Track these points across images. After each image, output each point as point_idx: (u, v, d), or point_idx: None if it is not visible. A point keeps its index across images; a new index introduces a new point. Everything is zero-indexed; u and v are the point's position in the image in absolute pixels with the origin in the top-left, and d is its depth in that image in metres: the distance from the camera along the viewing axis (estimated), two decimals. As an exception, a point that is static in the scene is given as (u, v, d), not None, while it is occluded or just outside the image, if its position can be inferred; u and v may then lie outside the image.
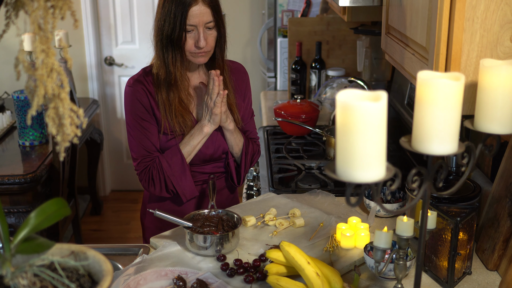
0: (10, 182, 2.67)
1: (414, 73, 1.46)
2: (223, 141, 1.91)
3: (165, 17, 1.73)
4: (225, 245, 1.58)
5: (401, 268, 1.36)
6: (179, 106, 1.82)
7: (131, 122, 1.84)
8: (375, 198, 1.01)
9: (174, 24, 1.72)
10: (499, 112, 1.13)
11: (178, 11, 1.71)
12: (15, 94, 2.93)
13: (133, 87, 1.83)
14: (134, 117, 1.83)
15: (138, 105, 1.82)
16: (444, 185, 1.63)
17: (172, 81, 1.80)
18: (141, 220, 2.08)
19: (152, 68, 1.84)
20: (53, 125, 0.87)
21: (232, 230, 1.61)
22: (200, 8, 1.72)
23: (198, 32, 1.74)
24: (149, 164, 1.84)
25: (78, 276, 0.91)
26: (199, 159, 1.89)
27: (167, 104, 1.81)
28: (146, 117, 1.83)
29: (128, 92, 1.84)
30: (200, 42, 1.74)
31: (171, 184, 1.84)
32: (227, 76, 1.90)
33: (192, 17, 1.72)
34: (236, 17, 4.31)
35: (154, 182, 1.84)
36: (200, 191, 1.94)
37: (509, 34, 1.25)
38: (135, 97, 1.82)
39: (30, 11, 0.83)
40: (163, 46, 1.77)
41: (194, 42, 1.75)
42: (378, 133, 0.94)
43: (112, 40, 4.33)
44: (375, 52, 2.96)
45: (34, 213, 0.90)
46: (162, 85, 1.81)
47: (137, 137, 1.84)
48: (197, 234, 1.59)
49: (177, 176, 1.84)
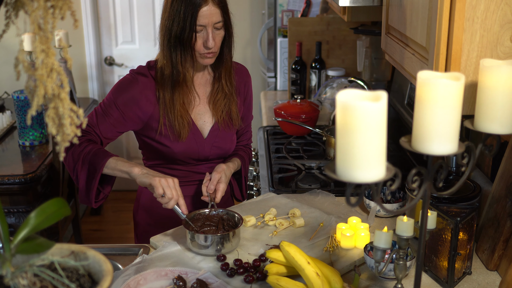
0: (10, 182, 2.67)
1: (414, 73, 1.46)
2: (219, 140, 1.90)
3: (173, 16, 1.72)
4: (226, 245, 1.59)
5: (401, 268, 1.36)
6: (180, 108, 1.81)
7: (107, 102, 1.81)
8: (375, 198, 1.01)
9: (184, 24, 1.71)
10: (499, 112, 1.13)
11: (188, 11, 1.70)
12: (15, 94, 2.93)
13: (134, 77, 1.82)
14: (113, 101, 1.80)
15: (127, 96, 1.80)
16: (444, 185, 1.63)
17: (181, 80, 1.79)
18: (133, 216, 2.07)
19: (157, 64, 1.82)
20: (53, 125, 0.87)
21: (233, 229, 1.62)
22: (210, 8, 1.71)
23: (207, 32, 1.73)
24: (86, 135, 1.80)
25: (78, 276, 0.91)
26: (193, 159, 1.89)
27: (170, 104, 1.80)
28: (123, 109, 1.80)
29: (127, 79, 1.83)
30: (209, 42, 1.73)
31: (77, 171, 1.78)
32: (233, 78, 1.90)
33: (202, 17, 1.70)
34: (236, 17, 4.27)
35: (72, 154, 1.78)
36: (195, 191, 1.93)
37: (509, 34, 1.25)
38: (130, 86, 1.80)
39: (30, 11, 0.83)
40: (171, 45, 1.75)
41: (202, 42, 1.74)
42: (378, 133, 0.94)
43: (112, 40, 4.33)
44: (375, 52, 2.96)
45: (34, 213, 0.90)
46: (167, 85, 1.79)
47: (101, 115, 1.82)
48: (198, 233, 1.59)
49: (84, 171, 1.77)
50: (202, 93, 1.90)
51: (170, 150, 1.85)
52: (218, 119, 1.89)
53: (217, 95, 1.89)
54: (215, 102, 1.89)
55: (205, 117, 1.90)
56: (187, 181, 1.91)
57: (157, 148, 1.86)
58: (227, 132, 1.92)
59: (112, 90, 1.83)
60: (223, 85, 1.88)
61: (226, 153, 1.95)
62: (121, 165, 1.75)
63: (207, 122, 1.90)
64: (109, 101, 1.82)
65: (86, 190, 1.79)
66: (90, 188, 1.78)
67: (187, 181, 1.91)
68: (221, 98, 1.89)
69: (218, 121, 1.89)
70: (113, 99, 1.81)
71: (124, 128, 1.84)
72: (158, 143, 1.85)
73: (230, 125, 1.92)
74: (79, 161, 1.77)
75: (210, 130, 1.89)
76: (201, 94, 1.89)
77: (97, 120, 1.82)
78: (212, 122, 1.90)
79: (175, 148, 1.84)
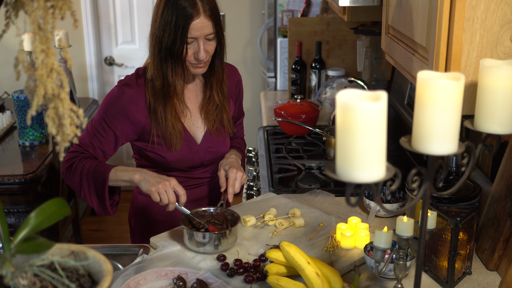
0: (10, 182, 2.67)
1: (414, 73, 1.46)
2: (213, 145, 1.89)
3: (164, 27, 1.69)
4: (222, 241, 1.59)
5: (401, 268, 1.36)
6: (172, 118, 1.79)
7: (98, 120, 1.79)
8: (375, 198, 1.01)
9: (175, 36, 1.68)
10: (499, 112, 1.13)
11: (179, 24, 1.67)
12: (15, 94, 2.93)
13: (121, 90, 1.79)
14: (104, 117, 1.78)
15: (115, 109, 1.77)
16: (444, 185, 1.63)
17: (171, 93, 1.77)
18: (129, 221, 2.05)
19: (146, 72, 1.80)
20: (53, 125, 0.87)
21: (230, 228, 1.63)
22: (202, 21, 1.68)
23: (198, 44, 1.70)
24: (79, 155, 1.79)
25: (78, 276, 0.91)
26: (188, 166, 1.88)
27: (162, 115, 1.77)
28: (112, 125, 1.78)
29: (114, 93, 1.80)
30: (200, 55, 1.70)
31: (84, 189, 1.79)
32: (224, 85, 1.88)
33: (193, 30, 1.68)
34: (236, 17, 4.31)
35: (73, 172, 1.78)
36: (192, 195, 1.91)
37: (509, 34, 1.25)
38: (118, 101, 1.78)
39: (30, 11, 0.83)
40: (161, 57, 1.73)
41: (193, 53, 1.72)
42: (378, 133, 0.94)
43: (112, 40, 4.33)
44: (375, 52, 2.96)
45: (34, 213, 0.90)
46: (158, 96, 1.77)
47: (91, 134, 1.80)
48: (194, 231, 1.61)
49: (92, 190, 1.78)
50: (194, 101, 1.88)
51: (164, 159, 1.83)
52: (210, 127, 1.88)
53: (208, 105, 1.87)
54: (206, 111, 1.87)
55: (197, 123, 1.88)
56: (184, 186, 1.90)
57: (150, 157, 1.85)
58: (220, 137, 1.91)
59: (101, 107, 1.81)
60: (214, 95, 1.86)
61: (220, 157, 1.93)
62: (121, 175, 1.75)
63: (200, 128, 1.88)
64: (99, 119, 1.79)
65: (100, 205, 1.80)
66: (103, 202, 1.79)
67: (183, 186, 1.90)
68: (212, 108, 1.87)
69: (210, 128, 1.88)
70: (103, 116, 1.79)
71: (119, 142, 1.82)
72: (152, 153, 1.83)
73: (222, 132, 1.91)
74: (83, 182, 1.77)
75: (204, 135, 1.88)
76: (193, 101, 1.88)
77: (90, 138, 1.80)
78: (204, 128, 1.89)
79: (169, 157, 1.83)
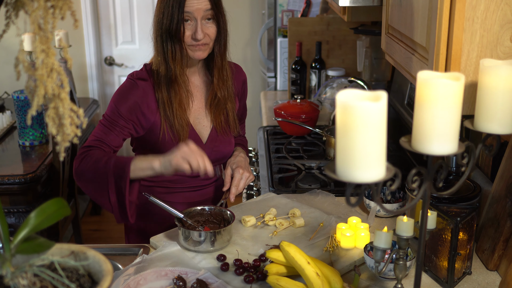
0: (10, 182, 2.67)
1: (414, 73, 1.46)
2: (218, 144, 1.89)
3: (163, 9, 1.71)
4: (218, 238, 1.60)
5: (401, 268, 1.36)
6: (178, 107, 1.79)
7: (111, 113, 1.77)
8: (375, 198, 1.01)
9: (172, 15, 1.69)
10: (499, 112, 1.13)
11: (175, 1, 1.69)
12: (15, 94, 2.93)
13: (133, 83, 1.78)
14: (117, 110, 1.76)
15: (129, 102, 1.76)
16: (444, 185, 1.63)
17: (173, 77, 1.76)
18: None
19: (152, 65, 1.80)
20: (53, 125, 0.87)
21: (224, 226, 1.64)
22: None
23: (196, 23, 1.71)
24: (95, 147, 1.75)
25: (78, 276, 0.91)
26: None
27: (168, 103, 1.77)
28: (128, 116, 1.76)
29: (126, 86, 1.79)
30: (197, 34, 1.70)
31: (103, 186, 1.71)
32: (230, 82, 1.88)
33: (189, 4, 1.69)
34: (236, 17, 4.30)
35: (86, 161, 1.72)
36: (196, 197, 1.91)
37: (509, 34, 1.25)
38: (130, 93, 1.77)
39: (30, 11, 0.83)
40: (162, 41, 1.74)
41: (191, 34, 1.72)
42: (378, 133, 0.94)
43: (112, 40, 4.33)
44: (375, 52, 2.96)
45: (34, 213, 0.90)
46: (162, 83, 1.77)
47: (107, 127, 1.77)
48: (188, 230, 1.61)
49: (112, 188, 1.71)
50: (200, 95, 1.88)
51: None
52: (216, 124, 1.88)
53: (214, 99, 1.87)
54: (212, 106, 1.87)
55: (204, 121, 1.88)
56: (187, 187, 1.90)
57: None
58: (225, 136, 1.91)
59: (114, 99, 1.78)
60: (217, 89, 1.85)
61: (225, 157, 1.93)
62: (139, 164, 1.70)
63: (206, 127, 1.88)
64: (112, 111, 1.77)
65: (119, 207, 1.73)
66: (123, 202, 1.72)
67: (187, 187, 1.89)
68: (218, 103, 1.87)
69: (216, 126, 1.88)
70: (116, 108, 1.76)
71: (132, 134, 1.81)
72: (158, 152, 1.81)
73: (227, 131, 1.91)
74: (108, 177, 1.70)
75: (209, 134, 1.88)
76: (198, 96, 1.88)
77: (104, 133, 1.77)
78: (210, 127, 1.89)
79: None
